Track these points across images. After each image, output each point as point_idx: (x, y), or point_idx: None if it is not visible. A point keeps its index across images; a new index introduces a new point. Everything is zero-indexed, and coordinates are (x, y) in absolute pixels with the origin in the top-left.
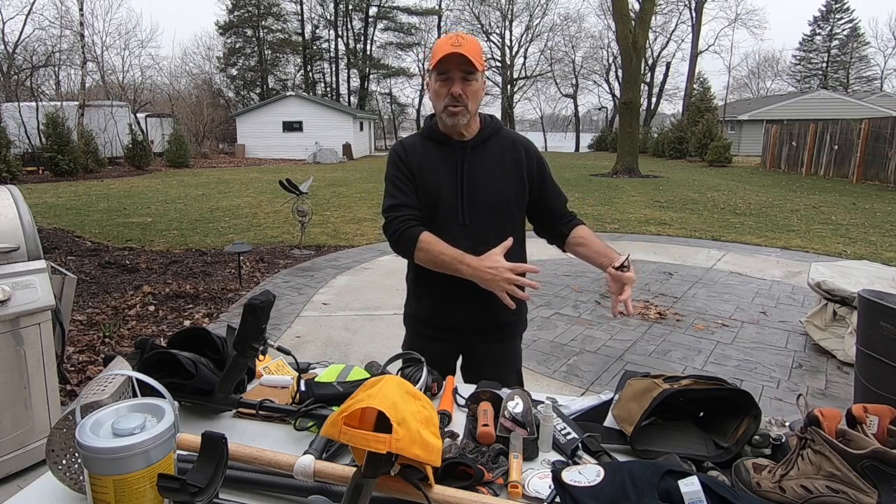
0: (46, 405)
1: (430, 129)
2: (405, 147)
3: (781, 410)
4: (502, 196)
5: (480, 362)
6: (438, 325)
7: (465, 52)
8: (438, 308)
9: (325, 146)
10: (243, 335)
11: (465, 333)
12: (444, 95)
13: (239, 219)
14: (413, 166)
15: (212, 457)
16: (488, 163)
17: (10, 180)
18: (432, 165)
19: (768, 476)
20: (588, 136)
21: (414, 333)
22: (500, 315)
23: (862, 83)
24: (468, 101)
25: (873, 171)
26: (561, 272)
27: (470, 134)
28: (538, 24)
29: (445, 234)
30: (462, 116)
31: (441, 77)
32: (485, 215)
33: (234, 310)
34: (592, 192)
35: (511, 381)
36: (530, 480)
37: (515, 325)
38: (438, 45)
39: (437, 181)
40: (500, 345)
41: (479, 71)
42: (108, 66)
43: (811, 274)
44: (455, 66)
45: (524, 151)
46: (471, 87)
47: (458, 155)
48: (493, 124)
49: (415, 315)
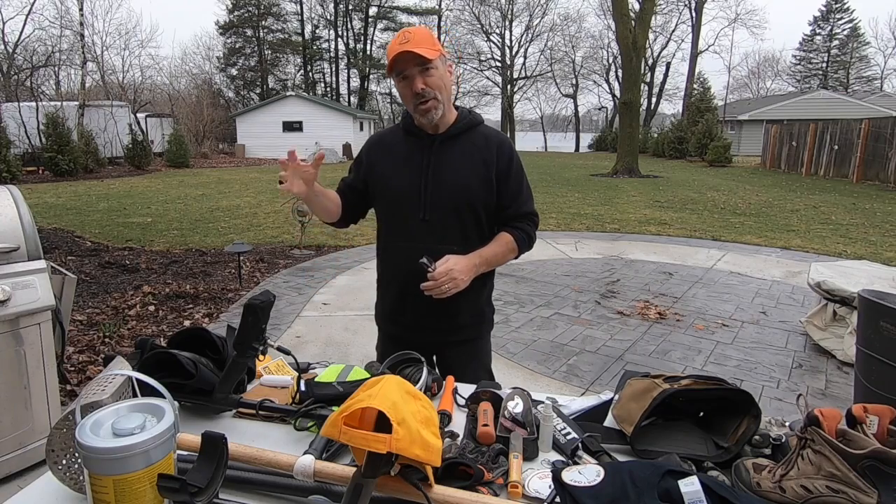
0: (46, 405)
1: (406, 119)
2: (374, 143)
3: (781, 410)
4: (465, 195)
5: (450, 361)
6: (401, 322)
7: (412, 46)
8: (398, 305)
9: (325, 146)
10: (243, 335)
11: (428, 332)
12: (410, 96)
13: (239, 219)
14: (373, 163)
15: (212, 457)
16: (457, 160)
17: (10, 180)
18: (398, 160)
19: (768, 476)
20: (588, 136)
21: (381, 330)
22: (460, 315)
23: (862, 83)
24: (434, 92)
25: (873, 171)
26: (561, 272)
27: (444, 126)
28: (538, 24)
29: (405, 228)
30: (435, 111)
31: (399, 78)
32: (447, 212)
33: (234, 310)
34: (592, 192)
35: (481, 379)
36: (530, 480)
37: (477, 325)
38: (389, 48)
39: (401, 175)
40: (466, 345)
41: (436, 58)
42: (108, 66)
43: (811, 274)
44: (409, 63)
45: (496, 150)
46: (432, 78)
47: (426, 149)
48: (469, 119)
49: (381, 313)
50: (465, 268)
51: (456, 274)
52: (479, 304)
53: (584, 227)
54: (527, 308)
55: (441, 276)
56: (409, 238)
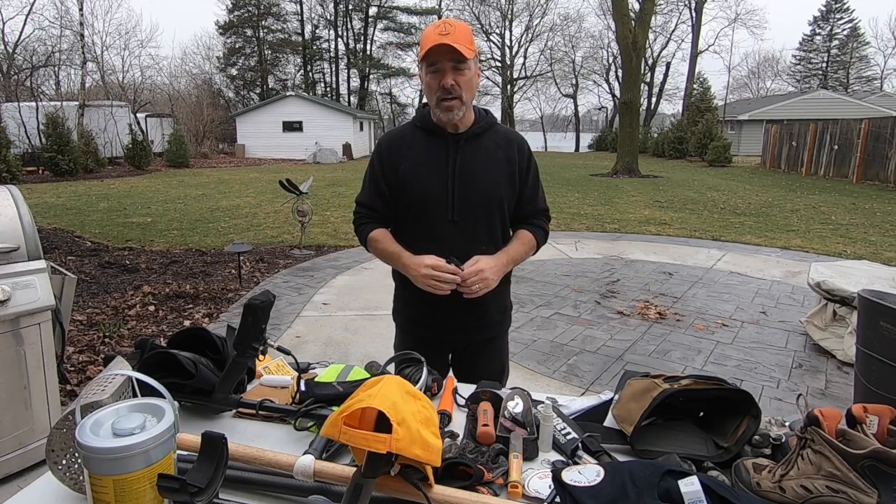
0: (46, 405)
1: (423, 118)
2: (390, 142)
3: (781, 410)
4: (495, 194)
5: (470, 359)
6: (427, 323)
7: (453, 41)
8: (426, 307)
9: (325, 146)
10: (243, 335)
11: (454, 332)
12: (437, 88)
13: (239, 219)
14: (396, 164)
15: (212, 457)
16: (482, 158)
17: (10, 180)
18: (420, 159)
19: (768, 476)
20: (588, 136)
21: (404, 331)
22: (488, 315)
23: (862, 83)
24: (461, 92)
25: (873, 171)
26: (561, 272)
27: (464, 126)
28: (538, 24)
29: (434, 231)
30: (457, 110)
31: (431, 69)
32: (476, 212)
33: (234, 310)
34: (592, 192)
35: (496, 375)
36: (530, 480)
37: (502, 322)
38: (426, 34)
39: (425, 176)
40: (490, 343)
41: (472, 58)
42: (108, 66)
43: (811, 274)
44: (444, 56)
45: (517, 149)
46: (463, 77)
47: (450, 148)
48: (488, 119)
49: (403, 313)
50: (495, 267)
51: (487, 274)
52: (505, 299)
53: (583, 227)
54: (527, 308)
55: (471, 276)
56: (436, 240)
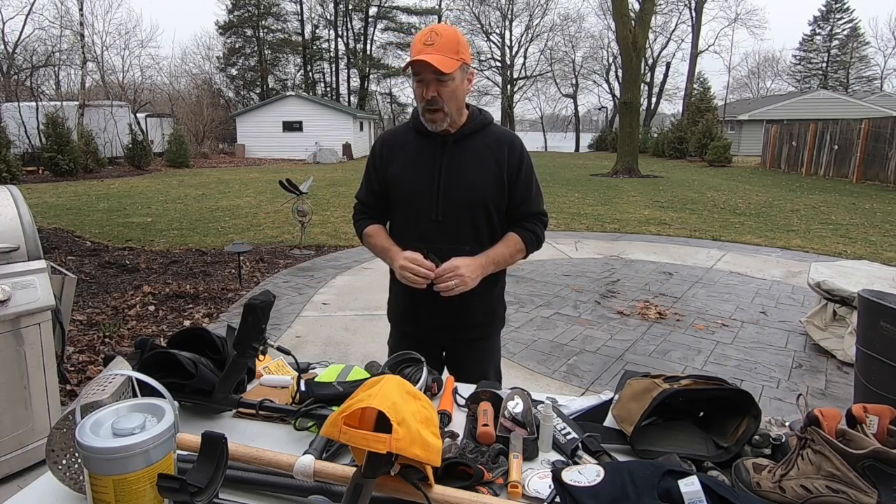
0: (46, 405)
1: (416, 118)
2: (385, 141)
3: (781, 410)
4: (480, 195)
5: (457, 359)
6: (411, 319)
7: (436, 53)
8: (414, 305)
9: (325, 146)
10: (243, 335)
11: (439, 330)
12: (421, 98)
13: (239, 219)
14: (387, 162)
15: (212, 457)
16: (469, 159)
17: (10, 180)
18: (410, 159)
19: (768, 476)
20: (588, 136)
21: (393, 327)
22: (472, 316)
23: (862, 83)
24: (443, 104)
25: (873, 171)
26: (561, 272)
27: (455, 127)
28: (538, 24)
29: (418, 229)
30: (440, 122)
31: (416, 78)
32: (460, 213)
33: (234, 310)
34: (592, 192)
35: (490, 377)
36: (530, 480)
37: (488, 325)
38: (413, 42)
39: (413, 175)
40: (479, 343)
41: (454, 70)
42: (108, 66)
43: (811, 274)
44: (426, 68)
45: (507, 150)
46: (446, 88)
47: (438, 149)
48: (481, 119)
49: (395, 312)
50: (472, 266)
51: (463, 271)
52: (491, 302)
53: (583, 227)
54: (527, 308)
55: (446, 272)
56: (421, 238)
